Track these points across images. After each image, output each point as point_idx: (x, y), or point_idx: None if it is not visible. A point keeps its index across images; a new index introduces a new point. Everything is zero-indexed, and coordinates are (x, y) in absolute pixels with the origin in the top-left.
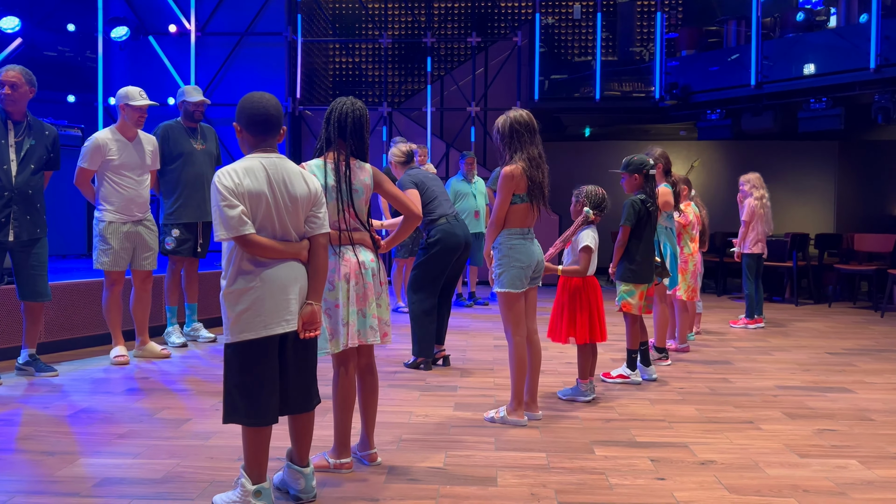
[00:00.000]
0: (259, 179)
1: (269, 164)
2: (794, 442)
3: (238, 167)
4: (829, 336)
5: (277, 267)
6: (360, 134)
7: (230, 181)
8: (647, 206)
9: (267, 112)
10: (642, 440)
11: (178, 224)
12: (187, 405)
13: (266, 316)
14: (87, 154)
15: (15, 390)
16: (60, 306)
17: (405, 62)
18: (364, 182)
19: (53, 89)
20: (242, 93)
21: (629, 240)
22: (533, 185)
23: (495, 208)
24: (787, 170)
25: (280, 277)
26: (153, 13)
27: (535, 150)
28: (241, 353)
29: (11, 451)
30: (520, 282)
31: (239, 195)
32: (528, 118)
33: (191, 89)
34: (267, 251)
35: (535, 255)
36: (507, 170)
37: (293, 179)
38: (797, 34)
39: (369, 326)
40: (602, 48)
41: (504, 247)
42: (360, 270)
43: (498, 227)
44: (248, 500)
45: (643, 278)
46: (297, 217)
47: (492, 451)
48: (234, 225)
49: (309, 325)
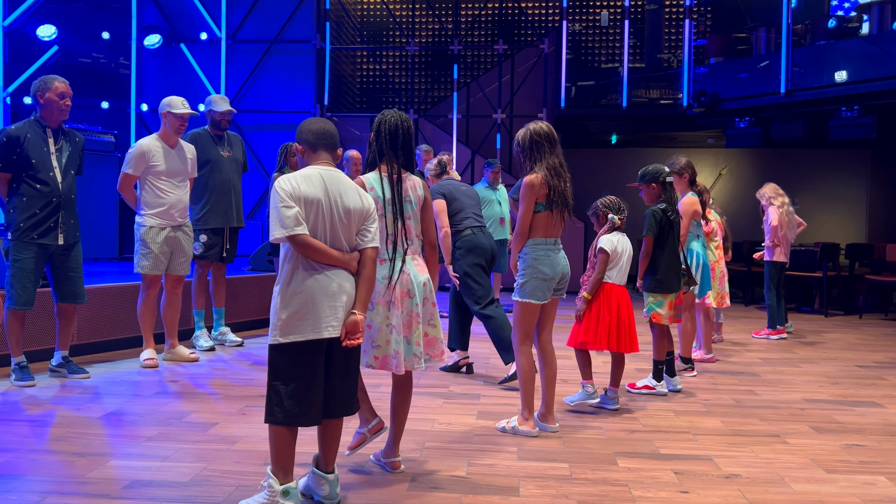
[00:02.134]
0: (316, 187)
1: (326, 174)
2: (821, 457)
3: (297, 174)
4: (859, 348)
5: (328, 273)
6: (409, 146)
7: (289, 185)
8: (668, 215)
9: (323, 128)
10: (666, 452)
11: (206, 229)
12: (214, 409)
13: (315, 319)
14: (131, 160)
15: (48, 391)
16: (92, 309)
17: (432, 69)
18: (417, 193)
19: (88, 95)
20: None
21: (653, 250)
22: (554, 194)
23: (519, 218)
24: (818, 178)
25: (331, 283)
26: (185, 21)
27: (555, 159)
28: (288, 355)
29: (44, 451)
30: (541, 293)
31: (296, 198)
32: (547, 129)
33: (217, 98)
34: (318, 254)
35: (560, 266)
36: (527, 179)
37: (348, 192)
38: (828, 41)
39: (413, 354)
40: (629, 55)
41: (529, 257)
42: (406, 298)
43: (522, 237)
44: (277, 500)
45: (670, 287)
46: (349, 229)
47: (514, 460)
48: (290, 224)
49: (352, 333)
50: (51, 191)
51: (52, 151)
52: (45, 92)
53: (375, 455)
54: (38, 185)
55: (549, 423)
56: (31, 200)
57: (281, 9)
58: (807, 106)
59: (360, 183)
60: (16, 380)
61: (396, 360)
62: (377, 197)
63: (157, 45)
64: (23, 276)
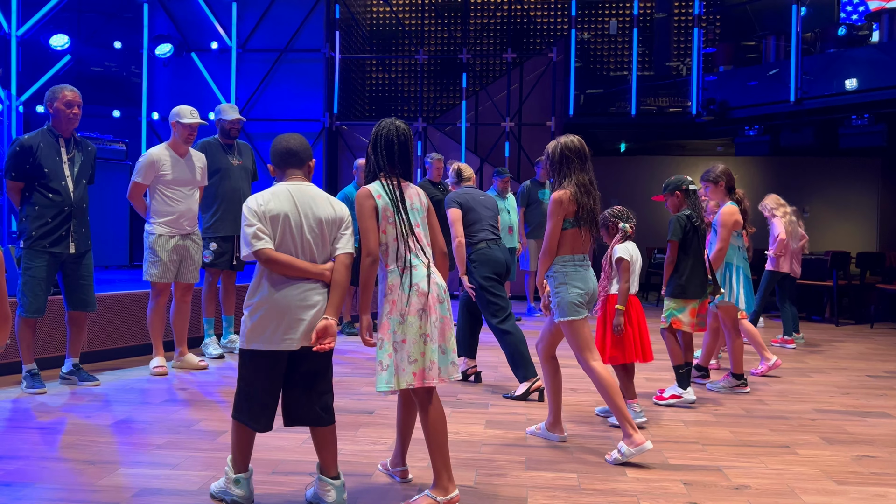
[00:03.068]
0: (283, 202)
1: (294, 189)
2: (832, 468)
3: (265, 192)
4: (870, 358)
5: (291, 287)
6: (407, 157)
7: (254, 203)
8: (693, 222)
9: (287, 147)
10: (675, 462)
11: (216, 237)
12: (223, 417)
13: (272, 332)
14: (141, 169)
15: (59, 399)
16: (102, 317)
17: (441, 78)
18: (422, 201)
19: (99, 104)
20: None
21: (677, 255)
22: (582, 211)
23: (547, 235)
24: (828, 186)
25: (292, 297)
26: (196, 31)
27: (585, 176)
28: (248, 361)
29: (55, 459)
30: (581, 307)
31: (259, 215)
32: (579, 144)
33: (227, 108)
34: (286, 268)
35: (591, 282)
36: (555, 195)
37: (318, 203)
38: (838, 49)
39: (451, 362)
40: (638, 63)
41: (560, 274)
42: (437, 305)
43: (550, 254)
44: (230, 486)
45: (692, 293)
46: (323, 239)
47: (522, 470)
48: (250, 241)
49: (322, 337)
50: (63, 200)
51: (64, 161)
52: (53, 101)
53: (383, 464)
54: (51, 194)
55: (558, 433)
56: (44, 209)
57: (291, 18)
58: (817, 114)
59: (366, 192)
60: (27, 387)
61: (432, 372)
62: (386, 204)
63: (169, 55)
64: (34, 285)
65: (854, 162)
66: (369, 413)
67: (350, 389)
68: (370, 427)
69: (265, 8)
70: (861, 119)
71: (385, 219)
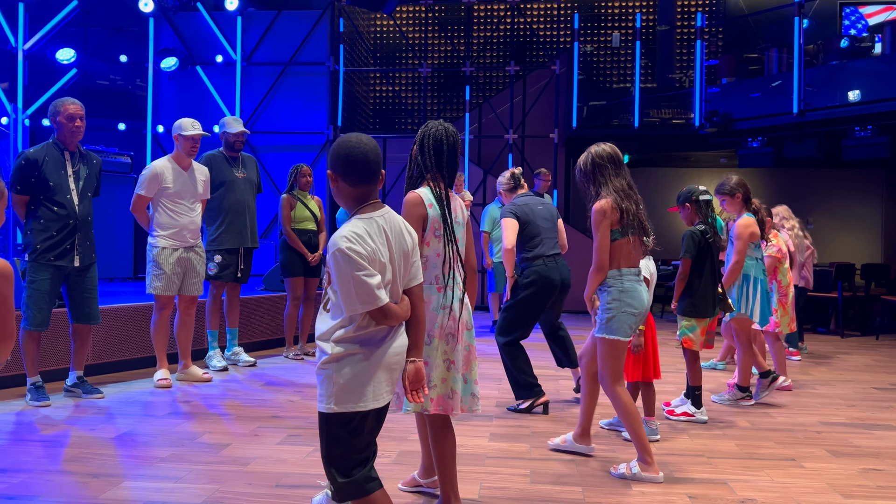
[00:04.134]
0: (384, 241)
1: (384, 222)
2: (838, 481)
3: (358, 229)
4: (876, 370)
5: (394, 338)
6: (454, 160)
7: (360, 246)
8: (707, 237)
9: (367, 158)
10: (680, 476)
11: (221, 250)
12: (227, 430)
13: (376, 385)
14: (144, 182)
15: (63, 412)
16: (106, 330)
17: (444, 90)
18: (463, 213)
19: (105, 117)
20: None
21: (690, 272)
22: (626, 217)
23: (597, 250)
24: (832, 198)
25: (397, 348)
26: (201, 44)
27: (622, 181)
28: (343, 424)
29: (59, 472)
30: (630, 329)
31: (372, 262)
32: (610, 150)
33: (231, 120)
34: (393, 319)
35: (646, 301)
36: (596, 206)
37: (403, 234)
38: (841, 61)
39: (472, 394)
40: (641, 75)
41: (615, 289)
42: (465, 331)
43: (603, 270)
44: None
45: (704, 312)
46: (406, 273)
47: (527, 483)
48: (375, 295)
49: (415, 383)
50: (67, 213)
51: (69, 174)
52: (56, 115)
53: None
54: (56, 207)
55: (586, 444)
56: (48, 222)
57: (295, 32)
58: (820, 126)
59: (418, 199)
60: (31, 399)
61: (453, 401)
62: (436, 215)
63: (174, 68)
64: (39, 298)
65: (858, 173)
66: None
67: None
68: None
69: (270, 22)
70: (864, 131)
71: (433, 230)
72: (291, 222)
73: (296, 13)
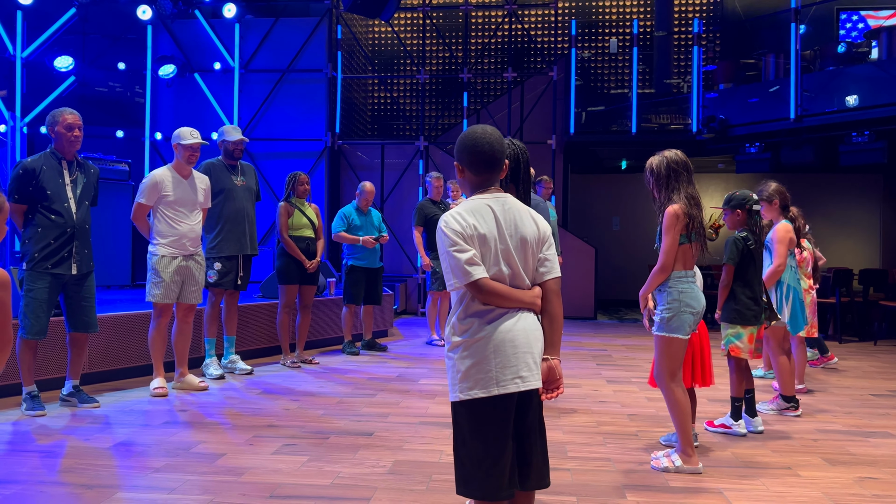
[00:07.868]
0: (487, 221)
1: (496, 204)
2: (834, 490)
3: (462, 209)
4: (874, 376)
5: (512, 318)
6: (529, 179)
7: (456, 223)
8: (749, 244)
9: (492, 149)
10: (675, 485)
11: (220, 257)
12: (223, 439)
13: (498, 371)
14: (144, 190)
15: (59, 421)
16: (103, 338)
17: (442, 97)
18: None
19: (103, 125)
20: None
21: (733, 279)
22: (693, 224)
23: (664, 252)
24: (830, 203)
25: (517, 329)
26: (199, 52)
27: (692, 188)
28: (469, 414)
29: (53, 483)
30: (689, 327)
31: (467, 238)
32: (684, 158)
33: (230, 129)
34: (501, 298)
35: (702, 300)
36: (670, 209)
37: (523, 219)
38: (838, 67)
39: None
40: (638, 81)
41: (675, 290)
42: None
43: (666, 271)
44: None
45: (750, 319)
46: (527, 261)
47: None
48: (464, 269)
49: (549, 383)
50: (65, 222)
51: (67, 183)
52: (54, 125)
53: None
54: (53, 216)
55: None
56: (46, 231)
57: (293, 39)
58: (817, 131)
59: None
60: (27, 409)
61: None
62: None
63: (172, 75)
64: (36, 306)
65: (855, 179)
66: (368, 435)
67: (350, 410)
68: (369, 449)
69: (267, 29)
70: (861, 136)
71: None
72: (289, 230)
73: (293, 20)
